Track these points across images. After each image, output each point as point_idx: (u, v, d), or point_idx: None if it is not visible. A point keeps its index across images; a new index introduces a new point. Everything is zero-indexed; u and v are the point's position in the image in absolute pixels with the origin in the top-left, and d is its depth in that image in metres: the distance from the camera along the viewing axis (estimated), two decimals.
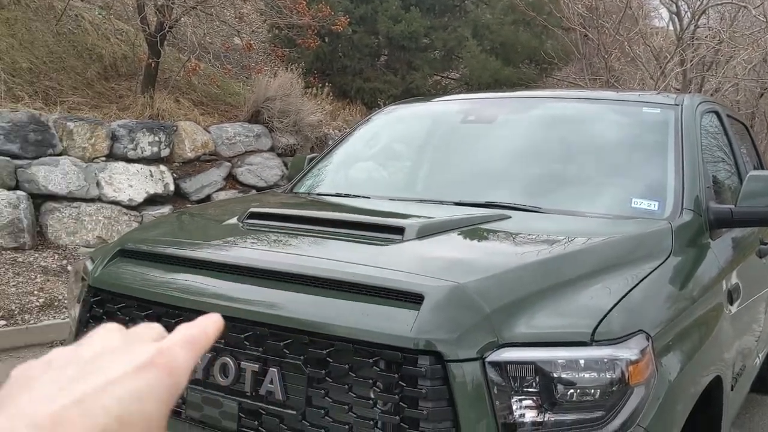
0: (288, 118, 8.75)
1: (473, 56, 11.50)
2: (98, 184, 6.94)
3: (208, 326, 0.54)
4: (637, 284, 1.94)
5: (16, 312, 5.16)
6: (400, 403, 1.63)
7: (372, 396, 1.67)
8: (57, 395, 0.44)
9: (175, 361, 0.49)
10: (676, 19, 10.74)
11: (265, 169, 8.52)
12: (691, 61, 10.41)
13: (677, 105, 3.03)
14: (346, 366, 1.70)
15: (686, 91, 9.72)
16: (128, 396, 0.45)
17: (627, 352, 1.68)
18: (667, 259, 2.17)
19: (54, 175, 6.58)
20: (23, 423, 0.42)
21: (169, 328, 0.47)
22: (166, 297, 2.01)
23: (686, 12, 10.73)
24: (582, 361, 1.66)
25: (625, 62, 11.66)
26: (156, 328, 0.53)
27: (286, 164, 8.64)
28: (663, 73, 10.27)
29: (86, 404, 0.44)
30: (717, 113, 3.44)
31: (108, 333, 0.51)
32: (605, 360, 1.67)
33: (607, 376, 1.66)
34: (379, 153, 3.67)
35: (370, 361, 1.67)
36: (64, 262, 6.22)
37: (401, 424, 1.63)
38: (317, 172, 3.59)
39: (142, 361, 0.48)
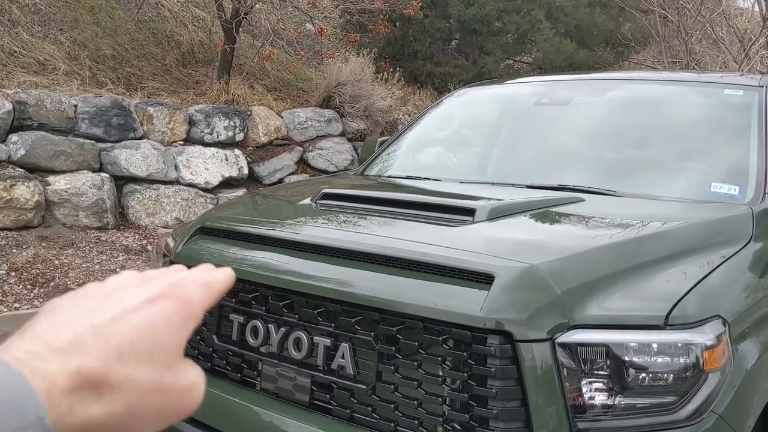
0: (359, 103, 8.81)
1: (547, 39, 11.28)
2: (176, 167, 7.17)
3: (220, 275, 0.56)
4: (714, 269, 1.89)
5: None
6: (469, 381, 1.65)
7: (441, 373, 1.70)
8: (75, 322, 0.47)
9: (187, 295, 0.52)
10: (762, 0, 10.26)
11: (335, 153, 8.62)
12: None
13: (761, 86, 2.92)
14: (416, 343, 1.72)
15: None
16: (141, 323, 0.48)
17: (702, 337, 1.65)
18: (747, 244, 2.11)
19: (135, 158, 6.83)
20: (41, 344, 0.45)
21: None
22: (243, 273, 2.07)
23: None
24: (655, 345, 1.64)
25: (706, 45, 11.25)
26: (172, 268, 0.56)
27: (356, 149, 8.72)
28: (747, 55, 9.85)
29: (101, 330, 0.47)
30: None
31: (127, 273, 0.55)
32: (679, 344, 1.64)
33: (681, 360, 1.63)
34: (451, 136, 3.67)
35: (440, 339, 1.69)
36: (144, 241, 6.47)
37: (470, 401, 1.64)
38: (388, 155, 3.62)
39: (155, 292, 0.51)
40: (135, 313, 0.49)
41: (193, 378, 0.51)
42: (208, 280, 0.55)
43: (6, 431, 0.37)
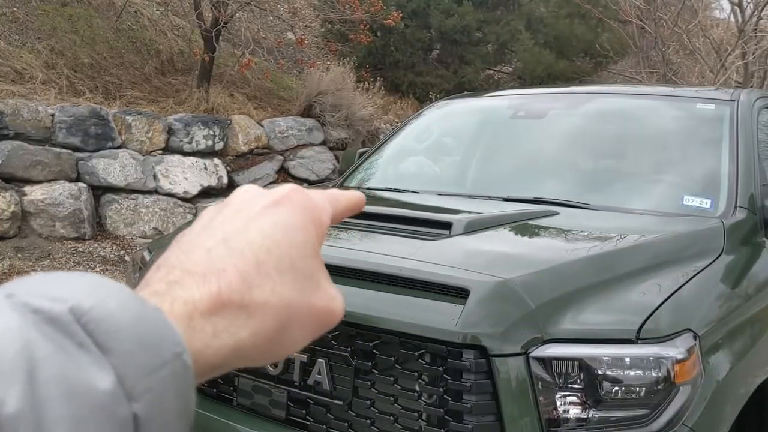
0: (340, 112, 8.83)
1: (526, 50, 11.37)
2: (155, 176, 7.13)
3: (347, 192, 0.56)
4: (686, 283, 1.92)
5: None
6: (445, 396, 1.66)
7: (417, 388, 1.71)
8: (205, 242, 0.45)
9: (310, 200, 0.49)
10: (738, 11, 10.42)
11: (316, 162, 8.61)
12: (753, 53, 10.10)
13: (733, 101, 2.97)
14: (392, 358, 1.73)
15: (747, 85, 9.44)
16: (270, 227, 0.46)
17: (673, 350, 1.68)
18: (718, 257, 2.14)
19: (113, 167, 6.79)
20: (177, 271, 0.43)
21: None
22: None
23: (749, 3, 10.40)
24: (627, 359, 1.66)
25: (683, 55, 11.39)
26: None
27: (337, 158, 8.72)
28: (723, 66, 9.99)
29: (233, 242, 0.44)
30: None
31: (247, 186, 0.52)
32: (651, 358, 1.66)
33: (653, 374, 1.66)
34: (430, 148, 3.69)
35: (416, 354, 1.70)
36: (122, 252, 6.42)
37: (445, 416, 1.65)
38: (368, 167, 3.63)
39: (277, 197, 0.48)
40: (263, 218, 0.46)
41: (332, 292, 0.49)
42: (333, 194, 0.53)
43: (141, 370, 0.36)
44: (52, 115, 6.55)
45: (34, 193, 6.23)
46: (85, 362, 0.34)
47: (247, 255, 0.44)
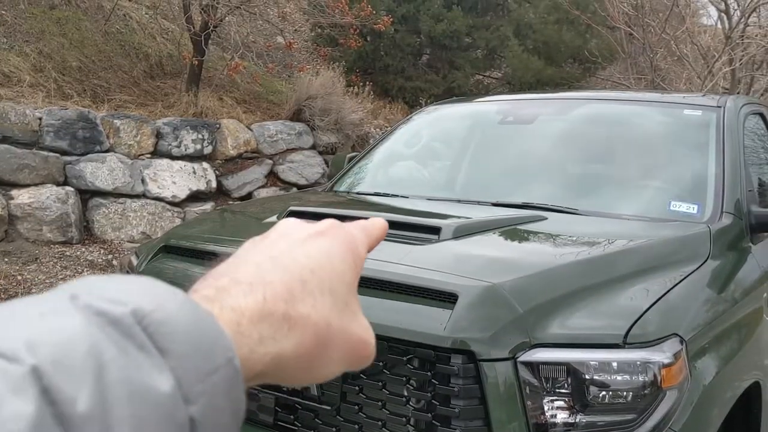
0: (329, 116, 8.82)
1: (515, 55, 11.42)
2: (143, 180, 7.10)
3: (375, 221, 0.58)
4: (672, 288, 1.93)
5: None
6: (433, 400, 1.66)
7: (405, 393, 1.71)
8: (251, 258, 0.48)
9: (350, 234, 0.52)
10: (725, 17, 10.51)
11: (306, 167, 8.60)
12: (740, 60, 10.18)
13: (719, 107, 3.00)
14: (380, 363, 1.73)
15: (735, 91, 9.52)
16: (315, 251, 0.49)
17: (660, 355, 1.68)
18: (704, 263, 2.15)
19: (101, 171, 6.75)
20: (226, 280, 0.45)
21: None
22: None
23: (735, 10, 10.49)
24: (614, 364, 1.67)
25: (671, 61, 11.47)
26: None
27: (327, 162, 8.71)
28: (711, 72, 10.07)
29: (280, 260, 0.47)
30: (762, 115, 3.38)
31: (289, 220, 0.55)
32: (638, 363, 1.67)
33: (640, 378, 1.66)
34: (419, 153, 3.69)
35: (404, 359, 1.70)
36: (110, 256, 6.39)
37: (433, 421, 1.65)
38: (357, 171, 3.64)
39: (321, 228, 0.51)
40: (308, 244, 0.49)
41: (367, 324, 0.51)
42: (365, 225, 0.56)
43: (197, 374, 0.36)
44: (40, 119, 6.51)
45: (21, 196, 6.19)
46: (147, 364, 0.35)
47: (292, 271, 0.46)
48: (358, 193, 3.36)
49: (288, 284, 0.45)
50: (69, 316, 0.35)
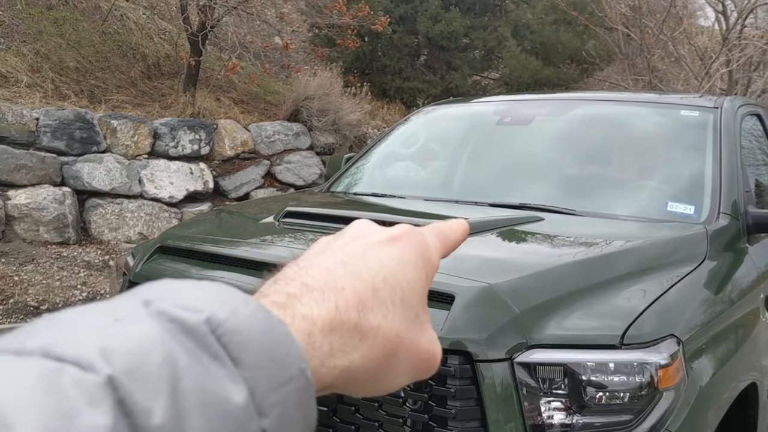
0: (327, 117, 8.82)
1: (513, 56, 11.43)
2: (140, 181, 7.09)
3: (455, 225, 0.56)
4: (669, 289, 1.93)
5: (60, 305, 5.31)
6: (429, 401, 1.65)
7: (401, 394, 1.70)
8: (325, 262, 0.45)
9: (424, 240, 0.50)
10: (722, 19, 10.52)
11: (303, 167, 8.60)
12: (737, 61, 10.19)
13: (716, 108, 3.00)
14: None
15: (732, 92, 9.53)
16: (388, 258, 0.46)
17: (656, 356, 1.68)
18: (701, 263, 2.15)
19: (98, 171, 6.74)
20: (297, 285, 0.43)
21: None
22: None
23: (733, 11, 10.51)
24: (611, 365, 1.67)
25: (668, 62, 11.47)
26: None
27: (324, 162, 8.71)
28: (708, 73, 10.08)
29: (352, 266, 0.45)
30: (759, 116, 3.39)
31: (361, 221, 0.52)
32: (634, 364, 1.67)
33: (636, 379, 1.66)
34: (416, 153, 3.69)
35: None
36: (107, 257, 6.38)
37: (430, 422, 1.65)
38: (354, 172, 3.63)
39: (395, 233, 0.49)
40: (381, 249, 0.47)
41: (435, 337, 0.49)
42: (442, 229, 0.54)
43: (270, 385, 0.35)
44: (37, 119, 6.50)
45: (18, 197, 6.18)
46: (221, 375, 0.34)
47: (365, 278, 0.44)
48: (355, 194, 3.36)
49: (360, 292, 0.44)
50: (143, 323, 0.34)
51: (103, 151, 6.92)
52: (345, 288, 0.43)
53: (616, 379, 1.66)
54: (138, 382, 0.31)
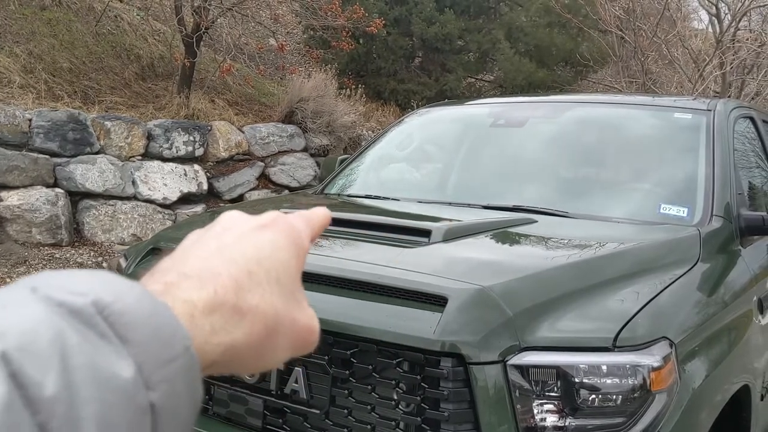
0: (321, 118, 8.81)
1: (507, 58, 11.44)
2: (134, 182, 7.07)
3: (319, 212, 0.59)
4: (662, 291, 1.93)
5: None
6: (422, 404, 1.65)
7: (394, 397, 1.70)
8: (200, 252, 0.48)
9: (293, 224, 0.54)
10: (716, 21, 10.56)
11: (298, 169, 8.59)
12: (731, 64, 10.22)
13: (709, 110, 3.00)
14: (370, 366, 1.72)
15: (725, 95, 9.56)
16: (261, 243, 0.50)
17: (649, 358, 1.68)
18: (694, 266, 2.16)
19: (91, 173, 6.72)
20: (174, 274, 0.46)
21: None
22: None
23: (726, 14, 10.54)
24: (604, 367, 1.67)
25: (662, 65, 11.50)
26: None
27: (318, 164, 8.70)
28: (701, 76, 10.10)
29: (227, 252, 0.48)
30: (752, 119, 3.40)
31: (232, 211, 0.56)
32: (627, 366, 1.67)
33: (629, 382, 1.66)
34: (410, 155, 3.69)
35: (394, 362, 1.70)
36: (100, 259, 6.35)
37: (423, 425, 1.65)
38: (348, 174, 3.63)
39: (264, 221, 0.52)
40: (253, 236, 0.50)
41: (312, 312, 0.52)
42: (307, 216, 0.57)
43: (157, 361, 0.38)
44: (30, 120, 6.47)
45: (11, 198, 6.15)
46: (108, 351, 0.36)
47: (240, 263, 0.47)
48: (349, 196, 3.36)
49: (236, 276, 0.46)
50: (31, 307, 0.36)
51: (97, 153, 6.90)
52: (221, 273, 0.46)
53: (608, 381, 1.66)
54: (29, 357, 0.33)
